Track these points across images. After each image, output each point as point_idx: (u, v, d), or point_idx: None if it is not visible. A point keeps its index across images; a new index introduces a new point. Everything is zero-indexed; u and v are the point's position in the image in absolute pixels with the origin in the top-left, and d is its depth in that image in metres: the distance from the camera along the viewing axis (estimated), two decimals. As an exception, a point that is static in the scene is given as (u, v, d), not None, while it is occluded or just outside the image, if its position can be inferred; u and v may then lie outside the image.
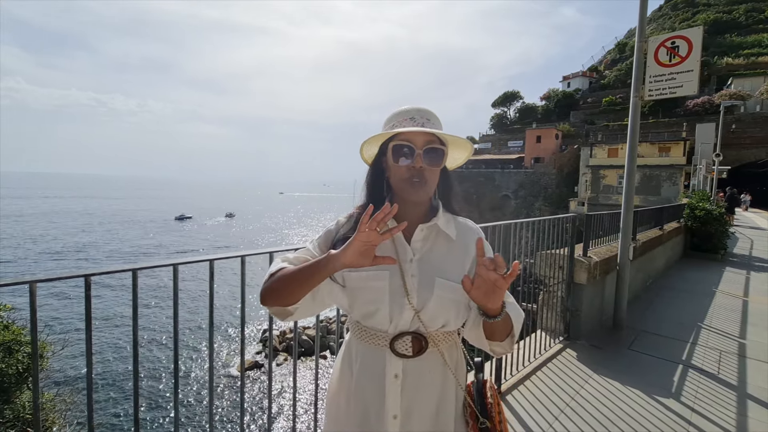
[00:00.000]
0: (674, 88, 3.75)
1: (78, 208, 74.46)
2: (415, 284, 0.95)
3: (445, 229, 1.00)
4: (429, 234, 1.00)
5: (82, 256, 33.29)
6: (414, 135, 0.94)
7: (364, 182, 1.05)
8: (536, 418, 2.48)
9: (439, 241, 1.01)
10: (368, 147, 1.04)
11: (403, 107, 1.00)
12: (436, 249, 1.00)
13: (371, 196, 1.02)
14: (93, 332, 1.11)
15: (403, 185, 0.96)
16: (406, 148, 0.94)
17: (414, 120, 0.96)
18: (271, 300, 0.92)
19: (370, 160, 1.06)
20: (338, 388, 1.04)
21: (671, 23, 45.87)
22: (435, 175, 0.98)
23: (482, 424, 0.98)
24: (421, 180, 0.94)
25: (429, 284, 0.95)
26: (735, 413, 2.60)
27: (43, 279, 1.04)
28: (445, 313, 0.96)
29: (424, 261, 0.98)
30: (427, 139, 0.95)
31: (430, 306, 0.94)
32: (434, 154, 0.95)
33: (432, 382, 0.98)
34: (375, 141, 1.01)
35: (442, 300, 0.95)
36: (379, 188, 1.03)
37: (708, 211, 8.39)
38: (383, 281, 0.95)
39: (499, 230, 2.67)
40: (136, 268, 1.24)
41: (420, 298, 0.95)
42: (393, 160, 0.96)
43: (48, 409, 4.33)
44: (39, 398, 1.03)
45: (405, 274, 0.95)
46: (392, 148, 0.96)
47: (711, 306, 4.98)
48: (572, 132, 38.64)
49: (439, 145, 0.96)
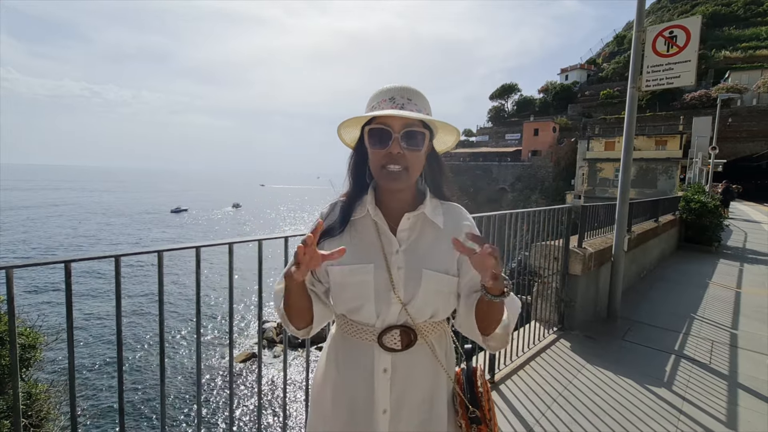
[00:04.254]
0: (672, 79, 3.72)
1: (72, 200, 73.88)
2: (402, 277, 0.91)
3: (432, 218, 0.95)
4: (415, 223, 0.95)
5: (72, 249, 33.07)
6: (391, 118, 0.86)
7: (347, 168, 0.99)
8: (529, 407, 2.49)
9: (426, 229, 0.96)
10: (350, 131, 0.97)
11: (385, 86, 0.92)
12: (423, 238, 0.95)
13: (354, 184, 0.98)
14: (95, 322, 1.08)
15: (379, 173, 0.89)
16: (382, 132, 0.87)
17: (393, 101, 0.89)
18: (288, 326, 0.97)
19: (352, 144, 0.99)
20: (323, 383, 1.01)
21: (669, 15, 45.72)
22: (417, 160, 0.90)
23: (472, 413, 0.96)
24: (400, 166, 0.87)
25: (416, 276, 0.90)
26: (726, 402, 2.63)
27: (20, 265, 1.01)
28: (433, 305, 0.93)
29: (410, 252, 0.93)
30: (405, 122, 0.87)
31: (418, 299, 0.91)
32: (414, 138, 0.87)
33: (422, 374, 0.95)
34: (353, 124, 0.94)
35: (430, 292, 0.91)
36: (362, 175, 0.98)
37: (703, 204, 8.43)
38: (368, 275, 0.90)
39: (494, 221, 2.66)
40: (119, 255, 1.21)
41: (407, 291, 0.91)
42: (369, 145, 0.90)
43: (42, 400, 4.31)
44: (18, 386, 1.01)
45: (391, 267, 0.91)
46: (368, 132, 0.89)
47: (704, 297, 5.01)
48: (570, 125, 38.62)
49: (420, 128, 0.88)
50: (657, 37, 3.75)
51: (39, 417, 4.01)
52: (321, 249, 0.90)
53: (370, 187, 0.98)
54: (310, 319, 0.97)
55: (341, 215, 0.96)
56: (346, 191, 0.99)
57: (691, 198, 8.64)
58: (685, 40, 3.62)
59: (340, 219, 0.96)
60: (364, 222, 0.96)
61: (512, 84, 51.20)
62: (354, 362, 0.95)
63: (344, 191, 1.00)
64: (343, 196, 0.99)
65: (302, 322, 0.97)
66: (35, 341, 4.17)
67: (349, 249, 0.91)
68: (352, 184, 0.98)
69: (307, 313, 0.95)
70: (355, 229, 0.96)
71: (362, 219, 0.96)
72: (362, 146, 0.94)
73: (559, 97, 45.73)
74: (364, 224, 0.96)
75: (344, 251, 0.79)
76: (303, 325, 0.97)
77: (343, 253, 0.79)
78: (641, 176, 25.78)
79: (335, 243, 0.93)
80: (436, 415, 0.96)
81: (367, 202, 0.96)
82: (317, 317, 0.98)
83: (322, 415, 1.00)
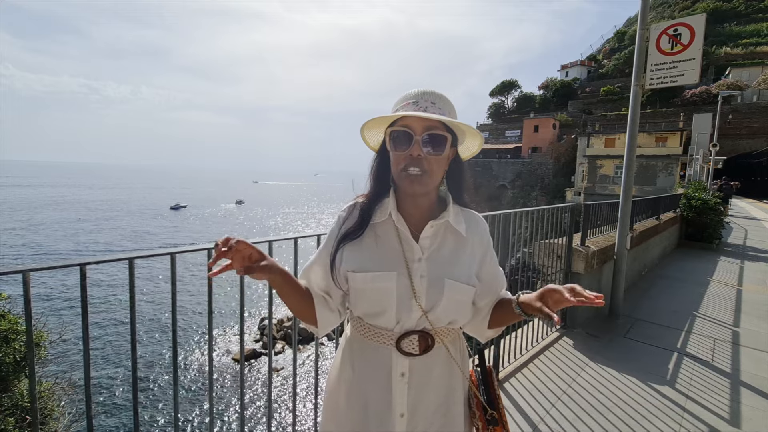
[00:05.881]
0: (675, 77, 3.71)
1: (71, 197, 73.72)
2: (425, 285, 0.90)
3: (455, 225, 0.95)
4: (438, 231, 0.95)
5: (76, 247, 33.07)
6: (413, 120, 0.86)
7: (369, 170, 0.98)
8: (533, 405, 2.50)
9: (449, 237, 0.95)
10: (374, 133, 0.97)
11: (409, 91, 0.92)
12: (446, 247, 0.95)
13: (377, 186, 0.97)
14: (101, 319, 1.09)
15: (399, 176, 0.89)
16: (403, 135, 0.87)
17: (417, 104, 0.88)
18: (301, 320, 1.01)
19: (376, 147, 0.99)
20: (338, 383, 1.00)
21: (671, 12, 45.53)
22: (438, 165, 0.89)
23: (490, 416, 0.97)
24: (420, 170, 0.86)
25: (439, 286, 0.90)
26: (729, 400, 2.64)
27: (36, 268, 1.02)
28: (453, 313, 0.94)
29: (433, 260, 0.93)
30: (427, 124, 0.86)
31: (439, 307, 0.91)
32: (436, 141, 0.87)
33: (438, 376, 0.95)
34: (376, 125, 0.95)
35: (452, 301, 0.91)
36: (385, 177, 0.96)
37: (704, 201, 8.44)
38: (390, 282, 0.90)
39: (498, 219, 2.67)
40: (133, 257, 1.22)
41: (429, 299, 0.90)
42: (391, 147, 0.90)
43: (46, 398, 4.33)
44: (36, 387, 1.02)
45: (413, 275, 0.90)
46: (390, 135, 0.89)
47: (705, 295, 5.03)
48: (570, 122, 38.56)
49: (442, 131, 0.87)
50: (661, 35, 3.75)
51: (43, 414, 4.03)
52: (342, 251, 0.94)
53: (391, 191, 0.97)
54: (314, 320, 0.98)
55: (360, 218, 0.95)
56: (366, 192, 0.98)
57: (692, 195, 8.65)
58: (690, 38, 3.61)
59: (359, 222, 0.95)
60: (385, 227, 0.95)
61: (512, 80, 51.08)
62: (370, 365, 0.95)
63: (364, 192, 0.99)
64: (363, 197, 0.98)
65: (308, 320, 0.99)
66: (39, 339, 4.18)
67: (371, 254, 0.92)
68: (374, 186, 0.97)
69: (306, 313, 0.97)
70: (376, 233, 0.95)
71: (383, 223, 0.96)
72: (386, 149, 0.93)
73: (560, 94, 45.61)
74: (385, 229, 0.95)
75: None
76: (311, 322, 0.99)
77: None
78: (641, 173, 25.76)
79: (356, 245, 0.94)
80: (452, 417, 0.97)
81: (389, 207, 0.95)
82: (322, 322, 0.99)
83: (335, 415, 1.00)
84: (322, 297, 0.99)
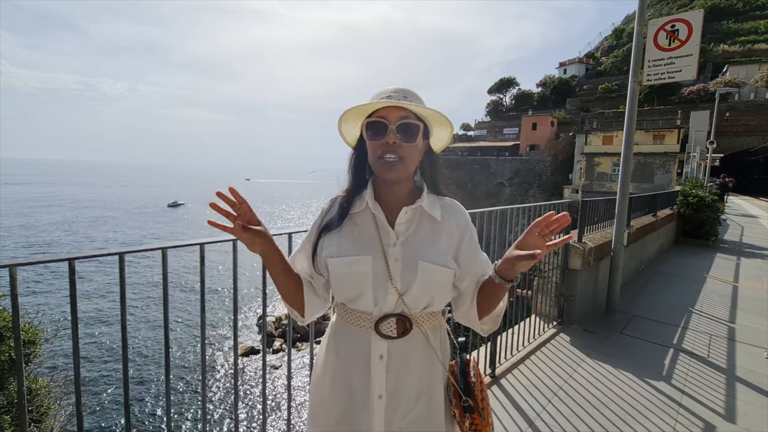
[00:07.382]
0: (673, 73, 3.70)
1: (68, 195, 73.39)
2: (399, 268, 0.95)
3: (429, 211, 0.99)
4: (413, 216, 0.99)
5: (72, 246, 32.94)
6: (388, 111, 0.93)
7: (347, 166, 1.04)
8: (530, 400, 2.50)
9: (424, 223, 1.00)
10: (351, 127, 1.03)
11: (384, 87, 0.98)
12: (421, 231, 0.99)
13: (355, 179, 1.03)
14: (99, 315, 1.07)
15: (377, 163, 0.95)
16: (379, 124, 0.93)
17: (390, 98, 0.94)
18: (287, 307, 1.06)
19: (353, 142, 1.05)
20: (323, 368, 1.04)
21: (669, 9, 45.49)
22: (412, 152, 0.95)
23: (464, 402, 0.99)
24: (396, 156, 0.92)
25: (413, 268, 0.94)
26: (724, 395, 2.65)
27: (24, 263, 1.00)
28: (428, 296, 0.97)
29: (408, 244, 0.97)
30: (401, 114, 0.93)
31: (414, 289, 0.94)
32: (409, 130, 0.93)
33: (416, 361, 0.98)
34: (352, 118, 1.00)
35: (426, 283, 0.95)
36: (362, 171, 1.03)
37: (701, 198, 8.47)
38: (366, 266, 0.95)
39: (495, 216, 2.66)
40: (123, 252, 1.20)
41: (404, 281, 0.94)
42: (367, 137, 0.95)
43: (42, 395, 4.32)
44: (24, 383, 1.00)
45: (389, 258, 0.95)
46: (366, 125, 0.95)
47: (702, 291, 5.05)
48: (568, 119, 38.58)
49: (414, 120, 0.94)
50: (659, 31, 3.73)
51: (39, 412, 4.01)
52: (323, 239, 1.00)
53: (369, 182, 1.02)
54: (301, 304, 1.03)
55: (340, 210, 1.01)
56: (347, 187, 1.03)
57: (689, 192, 8.67)
58: (687, 34, 3.60)
59: (339, 213, 1.01)
60: (363, 216, 1.01)
61: (511, 78, 51.03)
62: (352, 348, 0.99)
63: (344, 188, 1.04)
64: (344, 192, 1.03)
65: (296, 305, 1.03)
66: (34, 337, 4.16)
67: (349, 241, 0.98)
68: (352, 180, 1.03)
69: (295, 296, 1.02)
70: (354, 222, 1.01)
71: (361, 213, 1.01)
72: (362, 145, 1.00)
73: (558, 92, 45.63)
74: (364, 218, 1.01)
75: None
76: (298, 308, 1.04)
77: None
78: (638, 171, 25.81)
79: (335, 236, 1.00)
80: (433, 409, 1.00)
81: (366, 196, 1.00)
82: (309, 306, 1.03)
83: (321, 400, 1.04)
84: (309, 282, 1.05)
